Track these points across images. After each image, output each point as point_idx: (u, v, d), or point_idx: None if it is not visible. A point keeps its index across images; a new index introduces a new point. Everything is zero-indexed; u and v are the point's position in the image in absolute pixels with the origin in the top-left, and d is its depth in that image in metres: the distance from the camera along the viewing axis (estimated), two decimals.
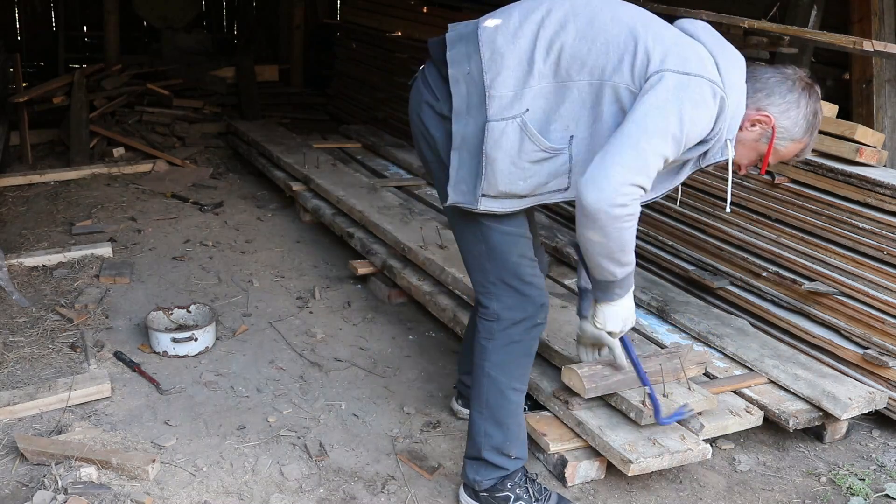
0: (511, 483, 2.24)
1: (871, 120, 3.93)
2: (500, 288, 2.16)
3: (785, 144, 2.04)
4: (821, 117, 2.05)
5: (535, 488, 2.26)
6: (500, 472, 2.22)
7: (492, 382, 2.20)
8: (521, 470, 2.28)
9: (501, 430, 2.21)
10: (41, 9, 8.25)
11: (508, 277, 2.14)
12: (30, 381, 2.78)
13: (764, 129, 2.02)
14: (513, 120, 1.95)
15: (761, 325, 3.11)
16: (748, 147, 2.06)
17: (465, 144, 2.01)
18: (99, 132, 5.57)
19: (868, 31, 3.91)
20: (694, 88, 1.87)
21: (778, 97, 2.00)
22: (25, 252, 3.82)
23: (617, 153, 1.84)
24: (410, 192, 4.49)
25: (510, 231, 2.12)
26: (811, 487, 2.53)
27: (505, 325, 2.17)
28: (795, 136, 2.03)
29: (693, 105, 1.86)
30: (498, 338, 2.19)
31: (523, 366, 2.24)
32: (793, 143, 2.04)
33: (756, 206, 3.19)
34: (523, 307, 2.16)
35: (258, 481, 2.37)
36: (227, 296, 3.56)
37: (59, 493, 2.17)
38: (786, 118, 2.01)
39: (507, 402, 2.21)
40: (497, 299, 2.17)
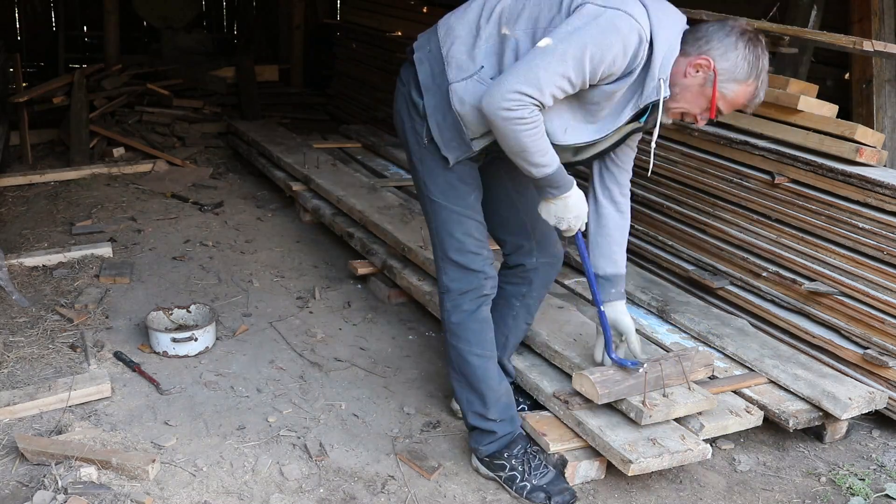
0: (508, 453, 2.39)
1: (871, 120, 3.92)
2: (446, 263, 2.37)
3: (731, 88, 2.09)
4: (766, 63, 2.09)
5: (535, 464, 2.38)
6: (491, 435, 2.41)
7: (455, 351, 2.42)
8: (521, 442, 2.42)
9: (476, 395, 2.41)
10: (41, 9, 8.25)
11: (453, 254, 2.34)
12: (30, 381, 2.78)
13: (706, 74, 2.08)
14: (470, 78, 2.14)
15: (761, 325, 3.11)
16: (695, 93, 2.12)
17: (438, 110, 2.22)
18: (99, 132, 5.57)
19: (868, 31, 3.91)
20: (608, 18, 1.98)
21: (716, 41, 2.08)
22: (25, 252, 3.82)
23: (514, 68, 2.03)
24: (410, 192, 4.48)
25: (458, 210, 2.32)
26: (811, 487, 2.53)
27: (454, 296, 2.38)
28: (738, 76, 2.08)
29: (601, 32, 1.97)
30: (450, 309, 2.40)
31: (479, 332, 2.40)
32: (739, 86, 2.09)
33: (756, 206, 3.19)
34: (468, 279, 2.35)
35: (258, 481, 2.37)
36: (227, 296, 3.56)
37: (59, 493, 2.17)
38: (725, 59, 2.06)
39: (472, 367, 2.40)
40: (444, 273, 2.39)
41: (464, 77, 2.15)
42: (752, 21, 2.83)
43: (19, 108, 5.36)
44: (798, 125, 3.07)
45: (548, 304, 3.02)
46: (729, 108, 2.14)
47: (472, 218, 2.34)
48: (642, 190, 3.68)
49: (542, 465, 2.38)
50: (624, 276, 2.44)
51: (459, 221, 2.32)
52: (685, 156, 3.47)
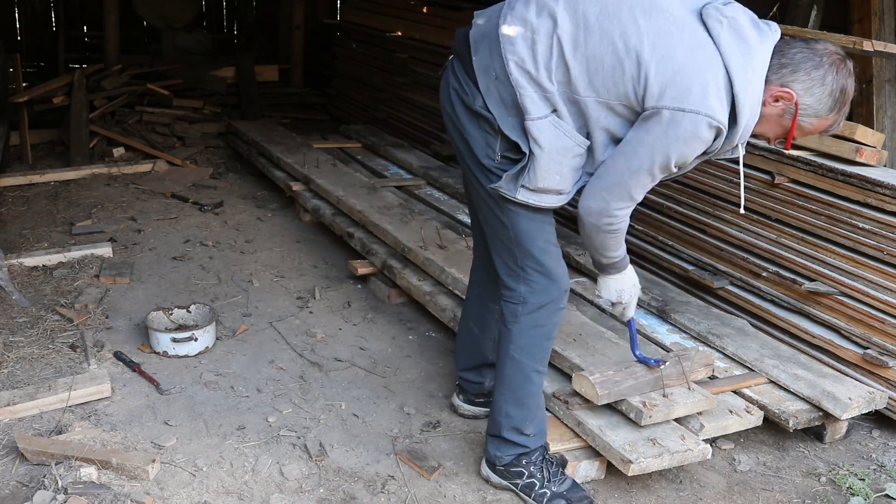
0: (527, 461, 2.34)
1: (871, 120, 3.92)
2: (528, 272, 2.24)
3: (810, 121, 2.02)
4: (851, 93, 2.01)
5: (553, 470, 2.35)
6: (519, 448, 2.34)
7: (516, 365, 2.30)
8: (540, 449, 2.37)
9: (521, 410, 2.32)
10: (41, 9, 8.24)
11: (535, 263, 2.23)
12: (30, 381, 2.78)
13: (787, 105, 2.01)
14: (545, 119, 2.05)
15: (761, 325, 3.11)
16: (772, 122, 2.06)
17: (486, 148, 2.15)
18: (99, 132, 5.57)
19: (868, 31, 3.91)
20: (686, 125, 1.93)
21: (803, 73, 1.97)
22: (25, 252, 3.82)
23: (605, 184, 2.06)
24: (410, 192, 4.49)
25: (537, 218, 2.21)
26: (811, 487, 2.53)
27: (530, 308, 2.26)
28: (820, 112, 2.00)
29: (682, 142, 1.95)
30: (523, 321, 2.27)
31: (545, 349, 2.34)
32: (818, 120, 2.02)
33: (756, 206, 3.19)
34: (548, 291, 2.25)
35: (258, 481, 2.37)
36: (227, 296, 3.56)
37: (59, 493, 2.17)
38: (809, 95, 1.98)
39: (531, 384, 2.32)
40: (524, 283, 2.25)
41: (540, 116, 2.06)
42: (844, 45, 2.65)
43: (19, 108, 5.36)
44: None
45: None
46: (803, 135, 2.10)
47: (549, 223, 2.26)
48: None
49: (560, 473, 2.35)
50: None
51: (541, 229, 2.24)
52: None
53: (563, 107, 2.05)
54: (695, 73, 1.92)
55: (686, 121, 1.92)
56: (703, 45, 1.94)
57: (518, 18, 2.07)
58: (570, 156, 2.08)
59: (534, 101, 2.05)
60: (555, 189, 2.12)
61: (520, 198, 2.13)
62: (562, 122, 2.05)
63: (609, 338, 2.81)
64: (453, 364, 3.08)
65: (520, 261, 2.25)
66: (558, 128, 2.05)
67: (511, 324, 2.29)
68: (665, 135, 1.94)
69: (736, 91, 1.93)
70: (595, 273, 3.31)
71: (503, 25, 2.08)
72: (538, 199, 2.14)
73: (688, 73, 1.92)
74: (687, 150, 1.97)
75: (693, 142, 1.95)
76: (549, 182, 2.10)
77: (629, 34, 1.97)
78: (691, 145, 1.95)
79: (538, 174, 2.09)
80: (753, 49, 1.96)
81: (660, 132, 1.95)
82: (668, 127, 1.94)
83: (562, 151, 2.07)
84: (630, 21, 1.98)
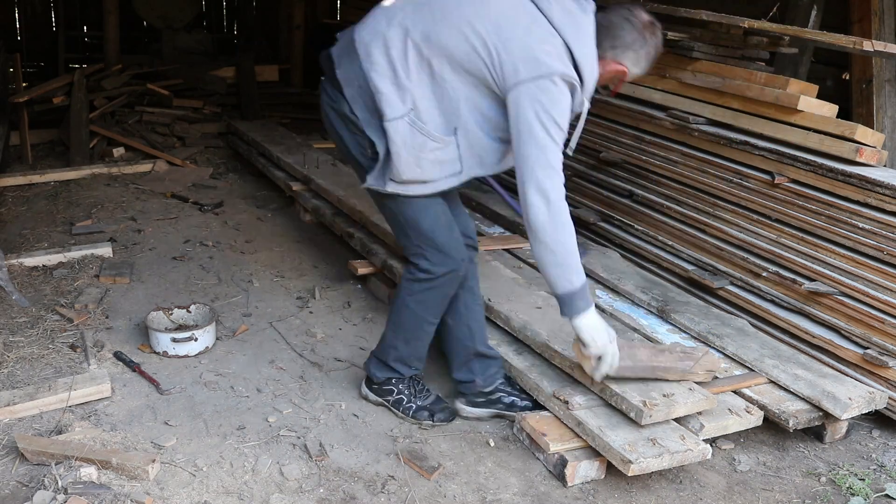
0: (398, 382, 2.72)
1: (871, 120, 3.93)
2: (424, 249, 2.52)
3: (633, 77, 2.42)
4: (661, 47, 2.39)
5: (418, 388, 2.73)
6: (396, 374, 2.71)
7: (412, 314, 2.62)
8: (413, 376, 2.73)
9: (409, 348, 2.67)
10: (41, 9, 8.24)
11: (427, 241, 2.50)
12: (30, 381, 2.78)
13: (618, 73, 2.38)
14: (402, 118, 2.30)
15: (761, 325, 3.11)
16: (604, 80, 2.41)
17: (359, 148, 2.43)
18: (99, 132, 5.57)
19: (868, 31, 3.91)
20: (549, 87, 2.20)
21: (632, 52, 2.35)
22: (25, 252, 3.82)
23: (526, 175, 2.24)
24: None
25: (418, 203, 2.46)
26: (811, 487, 2.53)
27: (432, 277, 2.54)
28: (643, 71, 2.41)
29: (553, 102, 2.21)
30: (425, 285, 2.56)
31: (440, 305, 2.62)
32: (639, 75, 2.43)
33: (756, 206, 3.19)
34: (445, 263, 2.52)
35: (258, 481, 2.37)
36: (227, 296, 3.56)
37: (59, 493, 2.17)
38: (637, 66, 2.38)
39: (422, 331, 2.65)
40: (423, 258, 2.53)
41: (396, 117, 2.30)
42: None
43: (19, 108, 5.36)
44: (798, 125, 3.07)
45: (548, 304, 3.03)
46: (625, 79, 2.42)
47: (435, 204, 2.49)
48: (642, 190, 3.68)
49: (425, 390, 2.73)
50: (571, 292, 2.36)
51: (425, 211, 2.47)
52: (685, 156, 3.47)
53: (425, 102, 2.30)
54: (538, 45, 2.21)
55: (547, 83, 2.20)
56: (538, 21, 2.23)
57: (370, 31, 2.35)
58: (427, 150, 2.32)
59: (390, 103, 2.29)
60: (419, 180, 2.38)
61: (389, 190, 2.40)
62: (417, 120, 2.30)
63: None
64: None
65: (414, 240, 2.51)
66: (413, 126, 2.30)
67: (411, 282, 2.58)
68: (539, 102, 2.20)
69: (577, 57, 2.24)
70: (590, 272, 3.30)
71: (358, 40, 2.35)
72: (406, 189, 2.40)
73: (532, 47, 2.21)
74: (561, 107, 2.22)
75: (560, 98, 2.22)
76: (410, 174, 2.36)
77: (474, 22, 2.24)
78: (560, 102, 2.22)
79: (400, 168, 2.34)
80: (580, 21, 2.27)
81: (533, 103, 2.20)
82: (536, 95, 2.20)
83: (418, 147, 2.31)
84: (472, 10, 2.26)
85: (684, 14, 3.44)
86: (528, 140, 2.21)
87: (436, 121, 2.32)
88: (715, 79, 3.37)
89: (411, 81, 2.28)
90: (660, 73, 3.61)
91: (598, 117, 3.93)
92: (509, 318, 2.92)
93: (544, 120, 2.20)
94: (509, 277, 3.27)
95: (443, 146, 2.33)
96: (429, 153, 2.33)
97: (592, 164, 3.95)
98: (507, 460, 2.54)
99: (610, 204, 3.83)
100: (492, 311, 2.99)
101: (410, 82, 2.27)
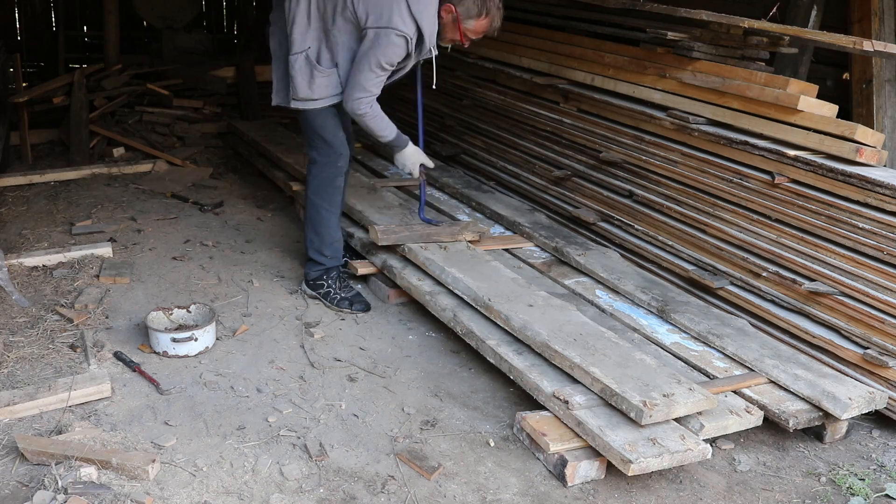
0: (326, 276, 3.50)
1: (871, 120, 3.93)
2: (315, 142, 3.41)
3: (470, 23, 3.20)
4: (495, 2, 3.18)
5: (342, 283, 3.52)
6: (320, 266, 3.50)
7: (313, 205, 3.46)
8: (336, 269, 3.53)
9: (319, 237, 3.48)
10: (41, 9, 8.23)
11: (318, 137, 3.38)
12: (30, 381, 2.78)
13: (453, 15, 3.18)
14: (302, 53, 3.22)
15: (761, 325, 3.11)
16: (451, 28, 3.23)
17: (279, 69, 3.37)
18: (99, 132, 5.57)
19: (868, 31, 3.92)
20: (386, 37, 3.06)
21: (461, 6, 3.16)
22: (25, 252, 3.82)
23: (350, 85, 3.17)
24: (410, 192, 4.48)
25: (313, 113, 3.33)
26: (811, 487, 2.53)
27: (319, 165, 3.43)
28: (472, 14, 3.18)
29: (383, 48, 3.07)
30: (314, 174, 3.46)
31: (331, 192, 3.45)
32: (476, 21, 3.20)
33: (756, 206, 3.19)
34: (328, 153, 3.39)
35: (258, 481, 2.37)
36: (227, 296, 3.56)
37: (59, 493, 2.17)
38: (461, 5, 3.16)
39: (322, 217, 3.46)
40: (315, 150, 3.43)
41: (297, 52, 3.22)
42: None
43: (19, 108, 5.35)
44: (798, 125, 3.07)
45: (548, 304, 3.03)
46: (475, 34, 3.25)
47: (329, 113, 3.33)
48: (642, 190, 3.68)
49: (349, 286, 3.55)
50: None
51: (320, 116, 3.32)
52: (685, 156, 3.47)
53: (318, 44, 3.20)
54: (386, 6, 3.05)
55: (382, 34, 3.06)
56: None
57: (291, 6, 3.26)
58: (318, 77, 3.21)
59: (294, 43, 3.21)
60: (309, 98, 3.26)
61: (292, 105, 3.32)
62: (309, 56, 3.20)
63: (609, 338, 2.81)
64: (454, 364, 3.10)
65: (310, 137, 3.41)
66: (307, 60, 3.21)
67: (309, 176, 3.49)
68: (374, 44, 3.08)
69: (414, 12, 3.05)
70: (590, 272, 3.32)
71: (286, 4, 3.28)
72: (303, 105, 3.29)
73: (382, 5, 3.05)
74: (390, 52, 3.07)
75: (391, 47, 3.06)
76: (303, 94, 3.25)
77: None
78: (391, 49, 3.07)
79: (297, 90, 3.26)
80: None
81: (370, 44, 3.08)
82: (374, 39, 3.08)
83: (308, 74, 3.21)
84: None
85: (684, 14, 3.44)
86: (363, 67, 3.11)
87: (324, 57, 3.21)
88: (715, 79, 3.37)
89: (311, 29, 3.18)
90: (660, 73, 3.61)
91: (597, 117, 3.93)
92: (509, 318, 2.92)
93: (374, 58, 3.08)
94: (509, 277, 3.27)
95: (328, 75, 3.21)
96: (318, 79, 3.21)
97: (592, 164, 3.95)
98: (507, 460, 2.55)
99: (610, 204, 3.83)
100: (492, 311, 3.00)
101: (310, 29, 3.18)
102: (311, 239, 3.48)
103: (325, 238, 3.47)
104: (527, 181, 4.39)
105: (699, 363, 2.87)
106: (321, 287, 3.48)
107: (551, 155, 4.22)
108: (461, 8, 3.14)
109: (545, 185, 4.24)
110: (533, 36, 4.45)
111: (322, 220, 3.45)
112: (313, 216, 3.45)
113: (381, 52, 3.06)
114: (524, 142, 4.44)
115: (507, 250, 3.76)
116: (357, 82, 3.13)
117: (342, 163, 3.43)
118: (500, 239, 3.85)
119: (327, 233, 3.47)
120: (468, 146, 4.91)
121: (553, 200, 4.18)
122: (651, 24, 3.67)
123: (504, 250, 3.75)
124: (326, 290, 3.47)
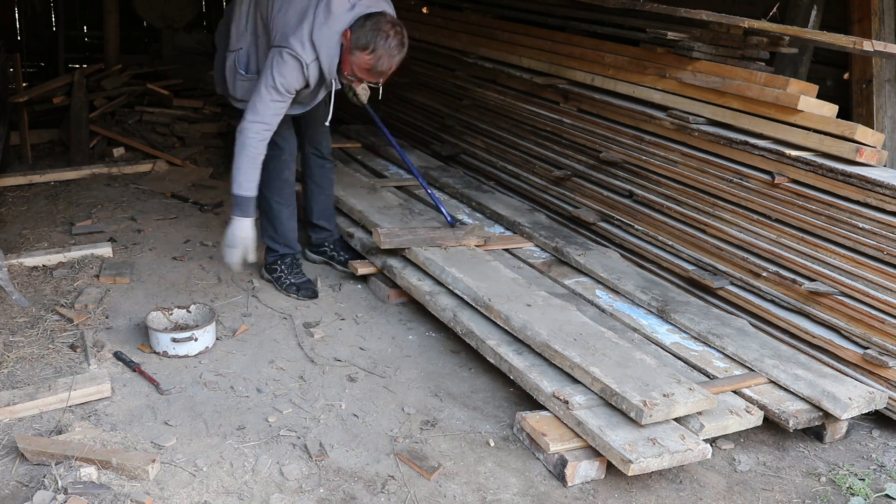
0: (280, 262, 3.63)
1: (871, 120, 3.93)
2: None
3: (356, 55, 3.03)
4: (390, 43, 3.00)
5: (295, 270, 3.63)
6: (274, 253, 3.65)
7: (263, 196, 3.44)
8: (290, 256, 3.65)
9: (271, 227, 3.61)
10: (41, 9, 8.24)
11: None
12: (30, 381, 2.78)
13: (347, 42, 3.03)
14: (231, 53, 3.32)
15: (761, 325, 3.11)
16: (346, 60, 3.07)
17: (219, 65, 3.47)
18: (99, 132, 5.56)
19: (868, 31, 3.92)
20: (280, 56, 3.03)
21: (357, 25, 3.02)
22: (25, 252, 3.81)
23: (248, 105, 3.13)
24: (410, 192, 4.49)
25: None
26: (811, 487, 2.53)
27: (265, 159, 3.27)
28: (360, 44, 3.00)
29: (279, 67, 3.04)
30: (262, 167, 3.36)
31: (279, 186, 3.53)
32: (361, 54, 3.02)
33: (756, 206, 3.19)
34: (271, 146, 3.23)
35: (258, 481, 2.37)
36: (227, 296, 3.56)
37: (59, 493, 2.17)
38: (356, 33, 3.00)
39: (272, 210, 3.57)
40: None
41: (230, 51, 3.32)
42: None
43: (19, 108, 5.35)
44: (798, 125, 3.07)
45: (548, 304, 3.03)
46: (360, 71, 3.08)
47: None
48: (642, 190, 3.68)
49: (301, 273, 3.64)
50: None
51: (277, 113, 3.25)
52: (685, 156, 3.47)
53: (247, 48, 3.27)
54: (292, 27, 3.03)
55: (278, 53, 3.04)
56: (305, 11, 3.03)
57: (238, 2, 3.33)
58: (239, 81, 3.32)
59: (230, 42, 3.31)
60: (235, 98, 3.38)
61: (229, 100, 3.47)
62: (239, 58, 3.29)
63: (609, 337, 2.81)
64: (454, 364, 3.10)
65: None
66: (235, 62, 3.31)
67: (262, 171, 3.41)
68: (271, 62, 3.05)
69: (314, 38, 3.01)
70: (590, 272, 3.32)
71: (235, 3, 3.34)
72: (234, 102, 3.40)
73: (290, 26, 3.04)
74: (286, 73, 3.03)
75: (286, 67, 3.03)
76: (231, 91, 3.38)
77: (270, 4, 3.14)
78: (286, 69, 3.03)
79: (227, 86, 3.39)
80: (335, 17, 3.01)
81: (269, 62, 3.06)
82: (272, 58, 3.06)
83: (233, 75, 3.33)
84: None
85: (684, 14, 3.44)
86: (259, 86, 3.08)
87: (246, 62, 3.29)
88: (715, 79, 3.37)
89: (247, 32, 3.26)
90: (660, 73, 3.61)
91: (597, 117, 3.93)
92: (509, 318, 2.92)
93: (269, 77, 3.05)
94: (509, 277, 3.27)
95: (248, 80, 3.27)
96: (239, 82, 3.32)
97: (592, 164, 3.95)
98: (507, 460, 2.55)
99: (610, 204, 3.83)
100: (492, 311, 3.00)
101: (246, 32, 3.26)
102: (265, 227, 3.60)
103: (278, 228, 3.59)
104: (527, 181, 4.39)
105: (699, 363, 2.87)
106: (274, 272, 3.62)
107: (551, 155, 4.22)
108: (354, 35, 3.01)
109: (545, 185, 4.24)
110: (533, 36, 4.44)
111: (272, 212, 3.56)
112: (265, 208, 3.55)
113: (277, 71, 3.02)
114: (524, 142, 4.44)
115: (507, 250, 3.76)
116: (252, 104, 3.09)
117: (286, 156, 3.50)
118: (500, 239, 3.85)
119: (279, 223, 3.59)
120: (468, 146, 4.91)
121: (553, 200, 4.18)
122: (651, 24, 3.67)
123: (504, 250, 3.75)
124: (278, 275, 3.61)
